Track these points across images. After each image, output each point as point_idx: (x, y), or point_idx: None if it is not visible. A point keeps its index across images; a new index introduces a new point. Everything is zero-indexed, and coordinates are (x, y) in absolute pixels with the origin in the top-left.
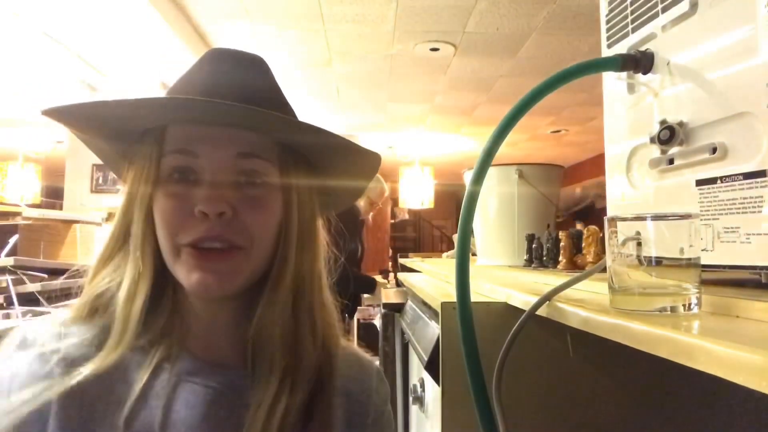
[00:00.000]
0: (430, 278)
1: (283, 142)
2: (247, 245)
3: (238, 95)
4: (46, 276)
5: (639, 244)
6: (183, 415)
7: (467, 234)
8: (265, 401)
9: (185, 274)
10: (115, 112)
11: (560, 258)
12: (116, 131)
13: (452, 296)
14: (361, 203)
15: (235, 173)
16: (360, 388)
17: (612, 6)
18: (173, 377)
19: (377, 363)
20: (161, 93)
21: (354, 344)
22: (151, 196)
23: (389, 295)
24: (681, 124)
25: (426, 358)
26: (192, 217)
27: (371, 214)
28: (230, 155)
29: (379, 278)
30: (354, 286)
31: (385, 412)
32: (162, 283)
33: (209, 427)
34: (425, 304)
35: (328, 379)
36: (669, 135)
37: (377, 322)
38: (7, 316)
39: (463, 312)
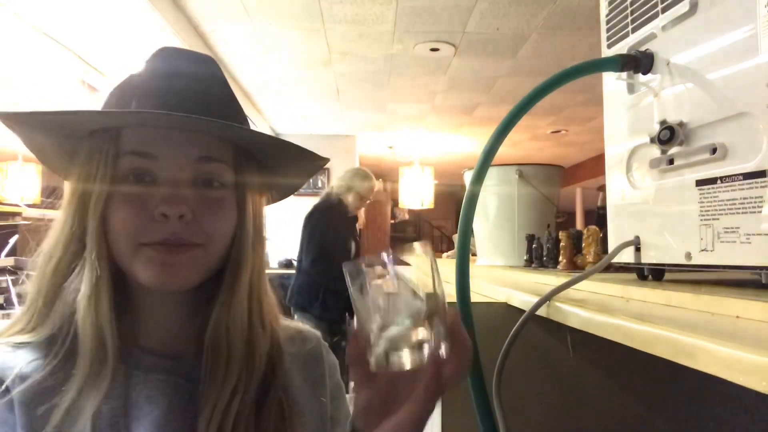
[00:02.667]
0: None
1: (237, 143)
2: (206, 243)
3: (194, 98)
4: None
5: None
6: (146, 410)
7: (467, 234)
8: (221, 399)
9: (145, 269)
10: (72, 119)
11: (560, 258)
12: (66, 132)
13: (452, 296)
14: (350, 199)
15: (193, 176)
16: (309, 355)
17: (612, 6)
18: (132, 373)
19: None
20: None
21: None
22: (106, 196)
23: None
24: (681, 124)
25: None
26: (151, 218)
27: (362, 209)
28: (190, 159)
29: None
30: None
31: (337, 366)
32: (117, 282)
33: (172, 417)
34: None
35: (278, 363)
36: (669, 135)
37: None
38: (7, 316)
39: (463, 312)
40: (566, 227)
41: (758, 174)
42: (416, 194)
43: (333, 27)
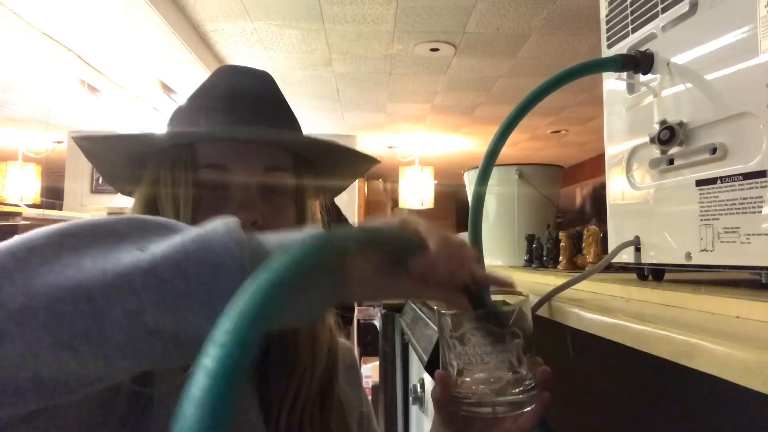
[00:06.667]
0: None
1: (297, 151)
2: None
3: (258, 112)
4: None
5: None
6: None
7: (478, 234)
8: (289, 389)
9: None
10: (144, 139)
11: (560, 258)
12: (140, 149)
13: None
14: None
15: (262, 185)
16: (352, 363)
17: (612, 6)
18: None
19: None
20: (160, 92)
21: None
22: (185, 205)
23: None
24: (681, 124)
25: (426, 359)
26: None
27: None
28: (259, 169)
29: None
30: None
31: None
32: None
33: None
34: (425, 304)
35: (337, 361)
36: (669, 135)
37: (377, 322)
38: None
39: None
40: (566, 227)
41: (758, 174)
42: (416, 194)
43: (333, 27)
